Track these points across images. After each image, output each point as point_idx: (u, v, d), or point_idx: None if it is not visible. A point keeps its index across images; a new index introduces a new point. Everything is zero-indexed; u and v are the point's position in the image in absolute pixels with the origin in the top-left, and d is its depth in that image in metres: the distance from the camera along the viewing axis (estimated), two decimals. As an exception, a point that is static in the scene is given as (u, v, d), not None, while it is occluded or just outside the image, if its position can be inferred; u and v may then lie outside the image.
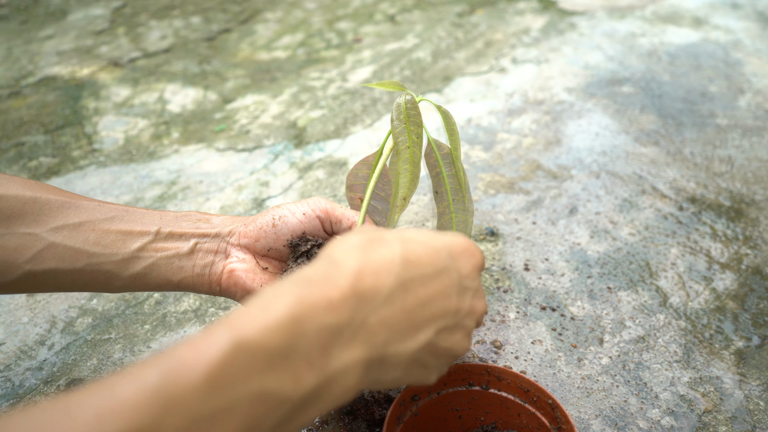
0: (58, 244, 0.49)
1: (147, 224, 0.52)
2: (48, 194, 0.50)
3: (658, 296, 0.76)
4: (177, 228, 0.53)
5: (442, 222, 0.59)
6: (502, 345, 0.70)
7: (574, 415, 0.61)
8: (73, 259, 0.49)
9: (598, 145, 1.08)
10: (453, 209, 0.58)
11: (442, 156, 0.58)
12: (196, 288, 0.53)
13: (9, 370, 0.69)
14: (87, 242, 0.49)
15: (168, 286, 0.52)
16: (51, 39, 1.64)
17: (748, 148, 1.06)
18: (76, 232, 0.49)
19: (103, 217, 0.51)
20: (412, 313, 0.36)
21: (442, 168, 0.58)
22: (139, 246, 0.51)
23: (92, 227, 0.50)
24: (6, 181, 0.49)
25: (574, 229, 0.88)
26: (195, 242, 0.52)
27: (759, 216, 0.90)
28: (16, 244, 0.48)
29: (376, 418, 0.61)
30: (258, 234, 0.53)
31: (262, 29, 1.68)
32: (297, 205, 0.54)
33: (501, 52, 1.44)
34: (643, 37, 1.50)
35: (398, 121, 0.54)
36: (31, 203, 0.49)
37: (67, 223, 0.49)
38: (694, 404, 0.63)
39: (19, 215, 0.48)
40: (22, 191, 0.49)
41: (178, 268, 0.52)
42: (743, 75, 1.31)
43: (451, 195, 0.58)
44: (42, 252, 0.48)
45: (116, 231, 0.50)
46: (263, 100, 1.29)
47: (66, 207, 0.50)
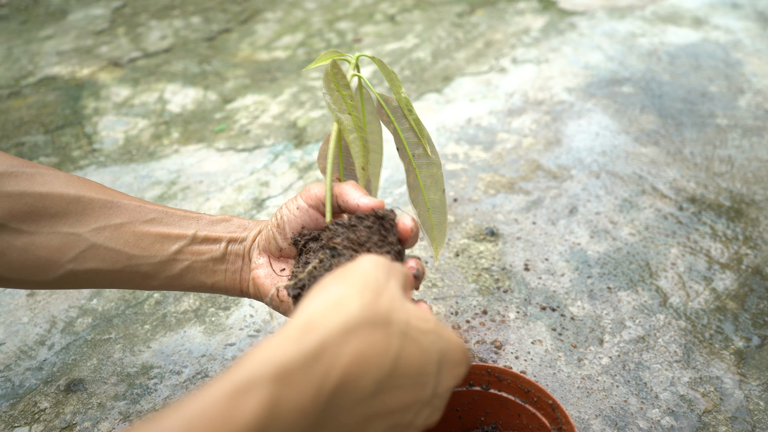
0: (99, 245, 0.50)
1: (184, 227, 0.53)
2: (90, 192, 0.51)
3: (658, 296, 0.76)
4: (212, 232, 0.54)
5: (410, 180, 0.56)
6: (502, 345, 0.70)
7: (575, 415, 0.61)
8: (114, 260, 0.50)
9: (598, 145, 1.08)
10: (415, 165, 0.54)
11: (391, 110, 0.54)
12: (228, 291, 0.54)
13: (9, 370, 0.69)
14: (127, 244, 0.51)
15: (202, 287, 0.54)
16: (51, 39, 1.64)
17: (748, 148, 1.06)
18: (117, 234, 0.51)
19: (143, 219, 0.52)
20: (369, 419, 0.32)
21: (395, 123, 0.54)
22: (176, 249, 0.52)
23: (132, 229, 0.51)
24: (50, 177, 0.50)
25: (574, 229, 0.88)
26: (226, 246, 0.54)
27: (759, 216, 0.90)
28: (60, 244, 0.49)
29: (376, 418, 0.61)
30: (268, 236, 0.53)
31: (262, 29, 1.68)
32: (293, 201, 0.54)
33: (501, 52, 1.44)
34: (643, 37, 1.50)
35: (329, 91, 0.50)
36: (74, 203, 0.50)
37: (108, 224, 0.50)
38: (694, 404, 0.63)
39: (63, 215, 0.49)
40: (66, 189, 0.50)
41: (212, 271, 0.53)
42: (743, 75, 1.31)
43: (410, 150, 0.54)
44: (84, 252, 0.49)
45: (155, 234, 0.52)
46: (263, 100, 1.29)
47: (108, 207, 0.51)
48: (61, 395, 0.66)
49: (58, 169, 0.51)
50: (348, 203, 0.50)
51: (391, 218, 0.48)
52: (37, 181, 0.49)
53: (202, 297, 0.78)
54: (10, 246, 0.48)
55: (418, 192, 0.56)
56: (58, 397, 0.66)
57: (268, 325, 0.73)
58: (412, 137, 0.55)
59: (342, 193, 0.50)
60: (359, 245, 0.46)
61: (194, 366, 0.69)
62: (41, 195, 0.49)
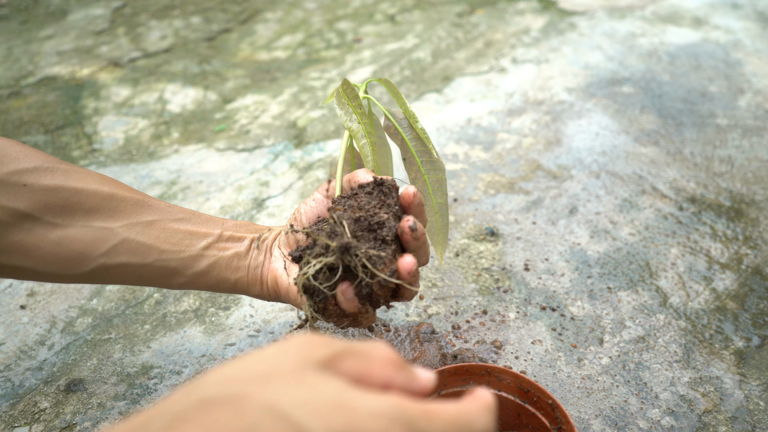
0: (131, 240, 0.51)
1: (211, 227, 0.55)
2: (123, 191, 0.52)
3: (658, 296, 0.76)
4: (236, 232, 0.56)
5: (417, 187, 0.59)
6: (502, 345, 0.70)
7: (574, 415, 0.61)
8: (145, 254, 0.52)
9: (598, 145, 1.08)
10: (423, 171, 0.59)
11: (398, 122, 0.59)
12: (249, 288, 0.56)
13: (9, 370, 0.69)
14: (158, 239, 0.52)
15: (225, 284, 0.55)
16: (51, 39, 1.64)
17: (748, 148, 1.06)
18: (149, 229, 0.52)
19: (172, 218, 0.54)
20: None
21: (403, 134, 0.58)
22: (204, 245, 0.54)
23: (163, 226, 0.53)
24: (85, 175, 0.51)
25: (574, 229, 0.88)
26: (250, 243, 0.55)
27: (759, 216, 0.90)
28: (93, 237, 0.50)
29: (376, 418, 0.61)
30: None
31: (262, 29, 1.68)
32: (311, 196, 0.56)
33: (501, 52, 1.44)
34: (643, 37, 1.50)
35: (340, 106, 0.56)
36: (108, 199, 0.51)
37: (140, 221, 0.52)
38: (694, 404, 0.63)
39: (97, 210, 0.50)
40: (101, 187, 0.51)
41: (236, 268, 0.54)
42: (743, 75, 1.31)
43: (418, 157, 0.59)
44: (116, 246, 0.51)
45: (184, 231, 0.53)
46: (263, 100, 1.29)
47: (139, 205, 0.53)
48: (61, 395, 0.66)
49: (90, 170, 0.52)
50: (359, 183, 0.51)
51: (390, 183, 0.49)
52: (72, 176, 0.50)
53: (202, 297, 0.78)
54: (44, 239, 0.49)
55: (426, 197, 0.59)
56: (58, 397, 0.66)
57: (268, 325, 0.74)
58: (419, 145, 0.59)
59: (353, 177, 0.52)
60: (359, 209, 0.47)
61: (194, 366, 0.69)
62: (76, 190, 0.50)
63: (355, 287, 0.44)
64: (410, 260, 0.44)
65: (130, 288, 0.80)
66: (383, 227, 0.46)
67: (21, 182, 0.48)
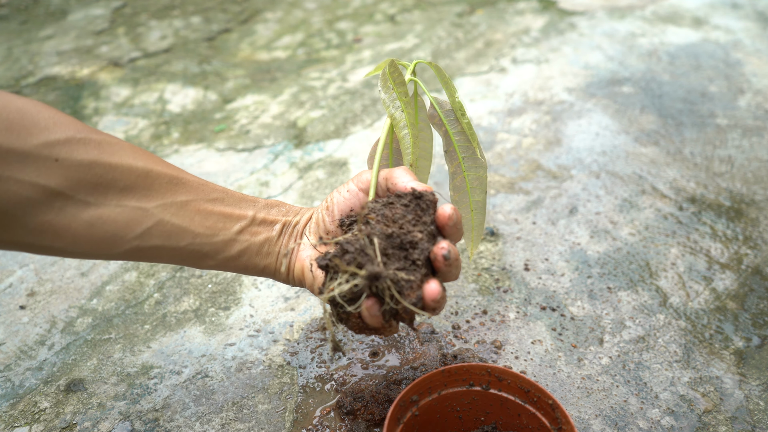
0: (166, 222, 0.49)
1: (244, 208, 0.53)
2: (157, 166, 0.49)
3: (658, 296, 0.76)
4: (268, 215, 0.54)
5: (455, 182, 0.57)
6: (502, 345, 0.70)
7: (575, 415, 0.61)
8: (179, 237, 0.50)
9: (598, 145, 1.08)
10: (464, 167, 0.56)
11: (444, 113, 0.56)
12: (277, 275, 0.55)
13: (9, 370, 0.69)
14: (192, 221, 0.50)
15: (254, 269, 0.54)
16: (51, 39, 1.64)
17: (748, 148, 1.06)
18: (183, 210, 0.50)
19: (207, 197, 0.52)
20: None
21: (447, 126, 0.56)
22: (238, 229, 0.52)
23: (197, 207, 0.51)
24: (118, 148, 0.48)
25: (574, 229, 0.88)
26: (281, 228, 0.54)
27: (759, 216, 0.90)
28: (127, 218, 0.47)
29: (376, 419, 0.61)
30: (317, 219, 0.54)
31: (262, 29, 1.68)
32: (344, 185, 0.54)
33: (501, 52, 1.44)
34: (643, 37, 1.50)
35: (384, 89, 0.52)
36: (143, 176, 0.48)
37: (175, 200, 0.50)
38: (694, 404, 0.63)
39: (132, 188, 0.47)
40: (135, 161, 0.48)
41: (266, 254, 0.53)
42: (743, 75, 1.31)
43: (460, 153, 0.56)
44: (151, 228, 0.48)
45: (218, 212, 0.51)
46: (263, 100, 1.29)
47: (174, 183, 0.50)
48: (61, 395, 0.66)
49: (118, 138, 0.49)
50: (397, 185, 0.50)
51: (428, 198, 0.47)
52: (106, 149, 0.46)
53: (202, 297, 0.78)
54: (76, 219, 0.45)
55: (464, 194, 0.57)
56: (58, 397, 0.66)
57: (268, 325, 0.74)
58: (463, 140, 0.56)
59: (392, 176, 0.50)
60: (392, 221, 0.46)
61: (194, 366, 0.69)
62: (111, 165, 0.46)
63: (380, 305, 0.43)
64: (436, 288, 0.43)
65: (130, 288, 0.80)
66: (416, 248, 0.44)
67: (53, 156, 0.44)
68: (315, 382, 0.66)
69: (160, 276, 0.82)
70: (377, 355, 0.69)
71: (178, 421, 0.62)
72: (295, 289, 0.79)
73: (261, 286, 0.80)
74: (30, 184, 0.43)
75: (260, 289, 0.79)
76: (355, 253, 0.43)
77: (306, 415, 0.62)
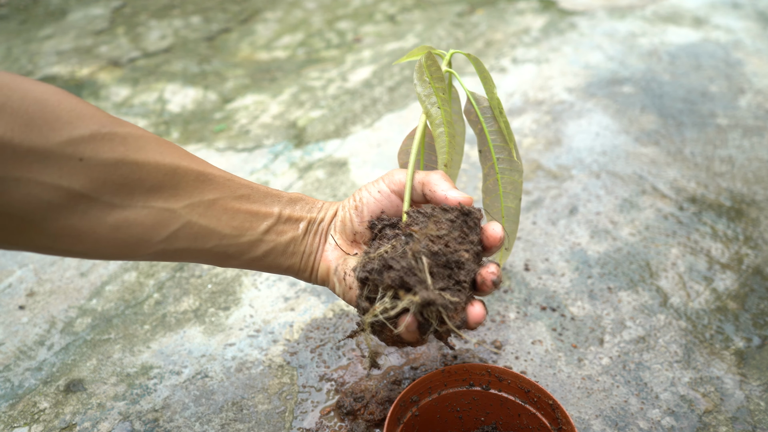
0: (193, 223, 0.47)
1: (269, 205, 0.51)
2: (184, 162, 0.47)
3: (658, 296, 0.76)
4: (293, 212, 0.52)
5: (488, 184, 0.54)
6: (503, 345, 0.70)
7: (575, 415, 0.61)
8: (205, 239, 0.48)
9: (598, 145, 1.08)
10: (498, 169, 0.53)
11: (481, 111, 0.53)
12: (300, 274, 0.53)
13: (8, 370, 0.69)
14: (219, 222, 0.48)
15: (277, 269, 0.52)
16: (50, 39, 1.64)
17: (748, 148, 1.06)
18: (210, 210, 0.48)
19: (234, 195, 0.49)
20: None
21: (483, 124, 0.53)
22: (264, 229, 0.50)
23: (224, 205, 0.48)
24: (144, 143, 0.44)
25: (574, 229, 0.88)
26: (306, 226, 0.52)
27: (759, 216, 0.90)
28: (154, 221, 0.44)
29: (376, 419, 0.61)
30: (344, 218, 0.52)
31: (262, 29, 1.68)
32: (374, 184, 0.52)
33: (501, 52, 1.44)
34: (644, 36, 1.50)
35: (421, 83, 0.50)
36: (170, 175, 0.45)
37: (202, 200, 0.47)
38: (695, 404, 0.63)
39: (159, 188, 0.44)
40: (162, 158, 0.45)
41: (291, 254, 0.52)
42: (744, 75, 1.31)
43: (495, 154, 0.53)
44: (177, 231, 0.46)
45: (245, 211, 0.50)
46: (263, 99, 1.29)
47: (201, 180, 0.47)
48: (61, 395, 0.66)
49: (142, 128, 0.46)
50: (435, 193, 0.48)
51: (476, 216, 0.46)
52: (131, 146, 0.43)
53: (201, 297, 0.78)
54: (101, 223, 0.42)
55: (496, 198, 0.54)
56: (58, 398, 0.65)
57: (268, 326, 0.73)
58: (499, 141, 0.53)
59: (429, 182, 0.49)
60: (437, 238, 0.44)
61: (194, 366, 0.68)
62: (137, 164, 0.43)
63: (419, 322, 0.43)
64: (480, 312, 0.44)
65: (130, 288, 0.80)
66: (462, 268, 0.44)
67: (77, 155, 0.40)
68: (315, 382, 0.66)
69: (159, 276, 0.82)
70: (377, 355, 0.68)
71: (178, 421, 0.62)
72: (295, 289, 0.79)
73: (261, 286, 0.80)
74: (52, 186, 0.39)
75: (260, 290, 0.79)
76: (401, 272, 0.42)
77: (306, 415, 0.62)
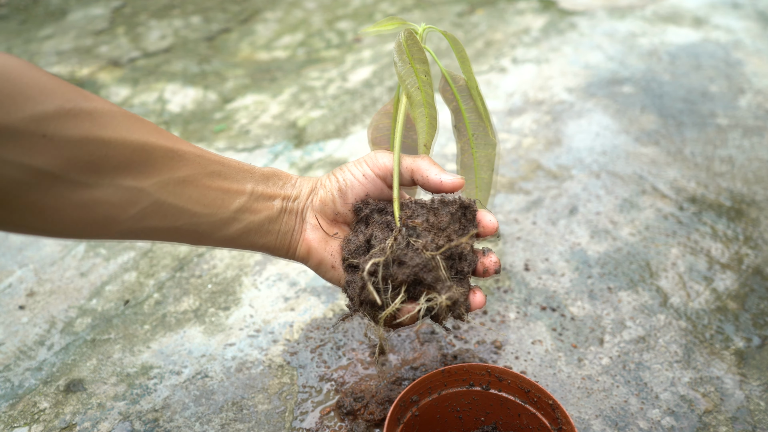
0: (163, 201, 0.45)
1: (241, 181, 0.50)
2: (153, 137, 0.45)
3: (658, 296, 0.76)
4: (266, 188, 0.52)
5: (463, 159, 0.56)
6: (503, 345, 0.70)
7: (575, 415, 0.61)
8: (175, 217, 0.47)
9: (598, 145, 1.08)
10: (473, 144, 0.55)
11: (458, 89, 0.54)
12: (275, 251, 0.53)
13: (8, 370, 0.69)
14: (190, 200, 0.47)
15: (251, 247, 0.52)
16: (50, 39, 1.64)
17: (748, 148, 1.06)
18: (181, 188, 0.46)
19: (204, 172, 0.48)
20: None
21: (460, 102, 0.54)
22: (237, 207, 0.49)
23: (196, 183, 0.47)
24: (110, 118, 0.43)
25: (574, 229, 0.88)
26: (281, 203, 0.52)
27: (759, 216, 0.90)
28: (121, 199, 0.43)
29: (376, 419, 0.61)
30: (326, 198, 0.52)
31: (262, 29, 1.68)
32: (357, 166, 0.52)
33: (501, 52, 1.44)
34: (644, 36, 1.50)
35: (401, 63, 0.50)
36: (139, 152, 0.44)
37: (173, 177, 0.46)
38: (695, 404, 0.63)
39: (127, 165, 0.43)
40: (130, 134, 0.43)
41: (266, 232, 0.51)
42: (744, 75, 1.31)
43: (471, 129, 0.54)
44: (146, 209, 0.45)
45: (217, 188, 0.48)
46: (263, 99, 1.29)
47: (171, 157, 0.46)
48: (61, 395, 0.66)
49: (111, 102, 0.45)
50: (429, 179, 0.49)
51: (474, 210, 0.48)
52: (98, 122, 0.41)
53: (201, 297, 0.78)
54: (66, 201, 0.41)
55: (470, 171, 0.56)
56: (58, 398, 0.65)
57: (268, 326, 0.73)
58: (475, 117, 0.54)
59: (420, 169, 0.49)
60: (439, 230, 0.46)
61: (194, 366, 0.68)
62: (104, 141, 0.41)
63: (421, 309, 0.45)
64: (481, 300, 0.46)
65: (130, 288, 0.80)
66: (464, 259, 0.46)
67: (40, 132, 0.39)
68: (315, 382, 0.66)
69: (159, 276, 0.82)
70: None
71: (178, 421, 0.62)
72: (295, 289, 0.79)
73: (261, 286, 0.80)
74: (15, 164, 0.38)
75: (260, 290, 0.79)
76: (416, 268, 0.44)
77: (306, 416, 0.62)
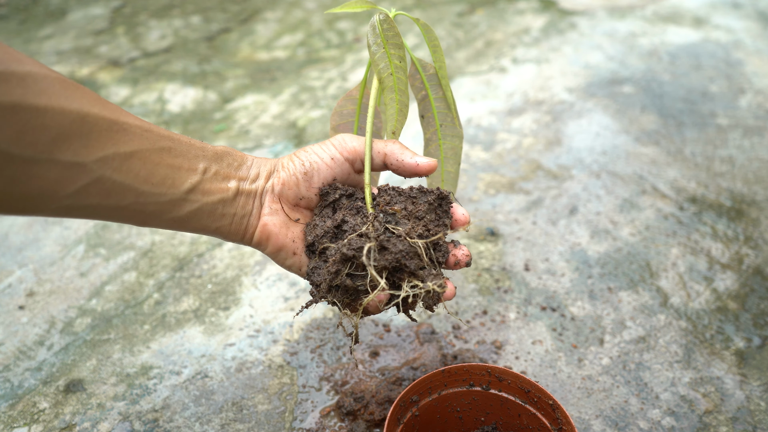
0: (107, 179, 0.41)
1: (192, 159, 0.47)
2: (95, 108, 0.41)
3: (658, 296, 0.76)
4: (221, 168, 0.48)
5: (429, 150, 0.55)
6: (503, 345, 0.70)
7: (575, 415, 0.61)
8: (120, 196, 0.43)
9: (598, 145, 1.08)
10: (440, 135, 0.54)
11: (427, 78, 0.53)
12: (228, 236, 0.50)
13: (8, 370, 0.69)
14: (138, 178, 0.43)
15: (203, 231, 0.49)
16: (50, 39, 1.64)
17: (748, 148, 1.06)
18: (127, 164, 0.42)
19: (153, 147, 0.44)
20: None
21: (429, 91, 0.53)
22: (188, 187, 0.46)
23: (143, 159, 0.43)
24: (46, 85, 0.39)
25: (574, 229, 0.88)
26: (237, 186, 0.49)
27: (760, 216, 0.90)
28: (59, 175, 0.39)
29: (376, 419, 0.61)
30: (289, 181, 0.49)
31: (262, 29, 1.68)
32: (323, 149, 0.49)
33: (501, 52, 1.44)
34: (644, 36, 1.50)
35: (376, 46, 0.48)
36: (78, 123, 0.40)
37: (118, 152, 0.42)
38: (695, 405, 0.63)
39: (65, 137, 0.39)
40: (68, 103, 0.39)
41: (220, 215, 0.48)
42: (744, 75, 1.30)
43: (438, 120, 0.54)
44: (88, 186, 0.41)
45: (166, 165, 0.45)
46: (263, 99, 1.29)
47: (115, 130, 0.42)
48: (61, 395, 0.66)
49: (46, 66, 0.40)
50: (404, 162, 0.48)
51: (450, 201, 0.49)
52: (31, 88, 0.37)
53: (201, 297, 0.78)
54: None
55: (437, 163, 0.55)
56: (58, 398, 0.65)
57: (268, 326, 0.73)
58: (443, 107, 0.54)
59: (393, 152, 0.48)
60: (417, 218, 0.47)
61: (194, 366, 0.68)
62: (38, 110, 0.37)
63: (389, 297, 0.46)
64: (453, 291, 0.47)
65: (130, 288, 0.80)
66: (439, 250, 0.47)
67: None
68: (315, 382, 0.66)
69: (159, 276, 0.82)
70: (377, 355, 0.68)
71: (178, 421, 0.62)
72: (295, 289, 0.79)
73: (261, 286, 0.79)
74: None
75: (260, 290, 0.79)
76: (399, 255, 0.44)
77: (306, 416, 0.62)
